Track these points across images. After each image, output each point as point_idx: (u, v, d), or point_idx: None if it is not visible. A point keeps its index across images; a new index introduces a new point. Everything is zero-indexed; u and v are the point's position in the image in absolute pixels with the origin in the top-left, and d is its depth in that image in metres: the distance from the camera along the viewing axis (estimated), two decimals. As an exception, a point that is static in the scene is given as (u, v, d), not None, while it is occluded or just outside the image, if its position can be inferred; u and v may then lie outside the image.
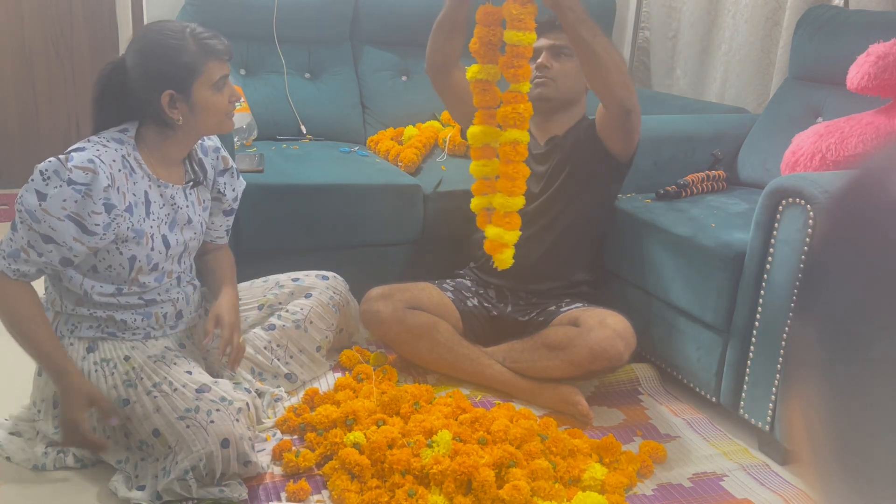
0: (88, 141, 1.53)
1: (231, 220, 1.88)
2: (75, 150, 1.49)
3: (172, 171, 1.66)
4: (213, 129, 1.64)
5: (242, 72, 2.73)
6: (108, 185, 1.48)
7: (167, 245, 1.63)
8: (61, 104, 3.66)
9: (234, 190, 1.83)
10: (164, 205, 1.63)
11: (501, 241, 1.82)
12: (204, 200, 1.76)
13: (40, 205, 1.45)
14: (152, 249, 1.59)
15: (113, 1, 3.51)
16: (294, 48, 2.79)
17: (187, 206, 1.69)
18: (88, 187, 1.46)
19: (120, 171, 1.52)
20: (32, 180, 1.46)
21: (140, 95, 1.55)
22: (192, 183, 1.70)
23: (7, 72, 3.54)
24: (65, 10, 3.55)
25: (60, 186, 1.45)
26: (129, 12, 3.02)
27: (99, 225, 1.48)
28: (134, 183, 1.55)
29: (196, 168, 1.72)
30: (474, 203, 1.90)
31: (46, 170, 1.46)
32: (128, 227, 1.54)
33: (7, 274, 1.50)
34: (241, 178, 1.86)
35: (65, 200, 1.45)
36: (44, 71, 3.59)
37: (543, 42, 2.00)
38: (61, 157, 1.47)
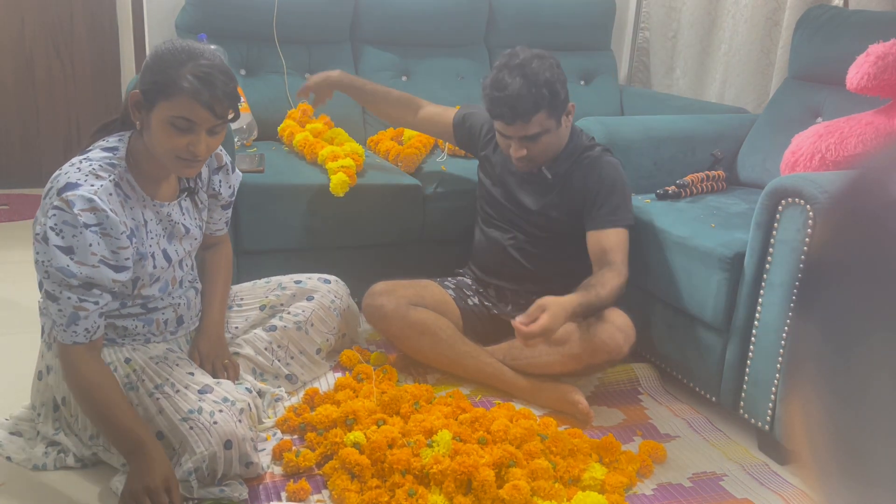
0: (79, 170, 1.44)
1: (230, 212, 1.88)
2: (68, 190, 1.40)
3: (164, 185, 1.61)
4: (163, 158, 1.50)
5: (242, 72, 2.73)
6: (117, 218, 1.45)
7: (168, 259, 1.61)
8: (61, 104, 3.66)
9: (230, 186, 1.81)
10: (159, 222, 1.60)
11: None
12: (200, 202, 1.75)
13: (72, 259, 1.40)
14: (154, 267, 1.58)
15: (113, 1, 3.51)
16: (294, 48, 2.79)
17: (183, 218, 1.66)
18: (102, 226, 1.43)
19: (117, 202, 1.47)
20: (47, 240, 1.39)
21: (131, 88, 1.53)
22: (185, 193, 1.67)
23: (7, 72, 3.54)
24: (65, 10, 3.55)
25: (79, 234, 1.40)
26: (129, 12, 3.02)
27: (128, 258, 1.48)
28: (130, 208, 1.51)
29: (202, 169, 1.70)
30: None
31: (55, 225, 1.39)
32: (133, 253, 1.52)
33: (80, 342, 1.46)
34: (235, 170, 1.84)
35: (91, 245, 1.41)
36: (44, 71, 3.59)
37: (511, 132, 1.91)
38: (58, 203, 1.39)
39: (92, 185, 1.43)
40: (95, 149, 1.51)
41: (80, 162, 1.47)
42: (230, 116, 1.51)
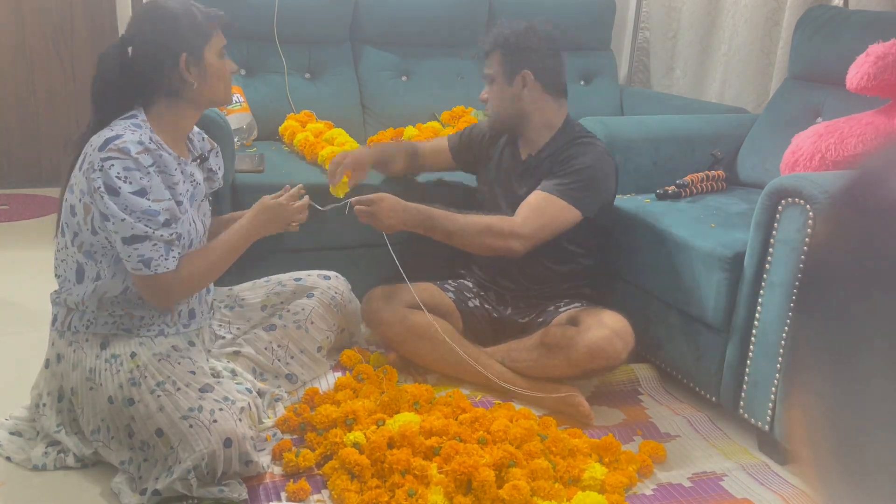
0: (111, 129, 1.50)
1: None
2: (114, 141, 1.46)
3: (183, 148, 1.67)
4: (219, 97, 1.65)
5: (242, 72, 2.73)
6: (167, 156, 1.53)
7: (193, 223, 1.64)
8: (61, 104, 3.66)
9: (220, 168, 1.86)
10: (185, 181, 1.63)
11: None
12: (207, 172, 1.79)
13: (149, 199, 1.47)
14: (192, 224, 1.62)
15: (113, 1, 3.51)
16: (294, 48, 2.79)
17: (202, 183, 1.72)
18: (157, 165, 1.50)
19: (155, 148, 1.53)
20: (118, 191, 1.44)
21: (150, 67, 1.54)
22: (199, 160, 1.71)
23: (7, 71, 3.54)
24: (65, 9, 3.55)
25: (146, 175, 1.47)
26: (129, 12, 3.02)
27: (181, 194, 1.56)
28: (166, 162, 1.56)
29: (197, 146, 1.74)
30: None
31: (119, 173, 1.44)
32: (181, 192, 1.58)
33: (171, 268, 1.52)
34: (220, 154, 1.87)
35: (159, 184, 1.49)
36: (44, 71, 3.59)
37: (484, 69, 2.07)
38: (113, 155, 1.44)
39: (133, 133, 1.50)
40: (116, 121, 1.56)
41: (107, 129, 1.52)
42: None
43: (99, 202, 1.46)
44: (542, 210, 1.91)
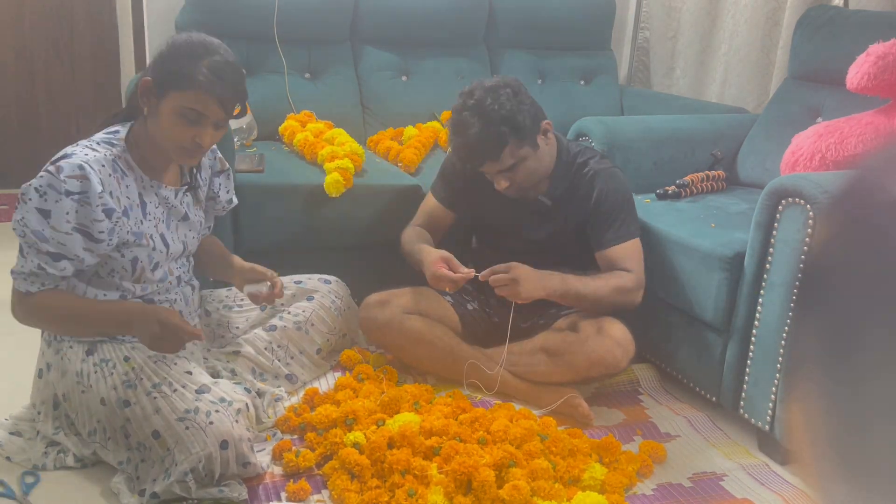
0: (77, 145, 1.51)
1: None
2: (63, 158, 1.46)
3: (165, 171, 1.64)
4: (166, 147, 1.54)
5: (243, 71, 2.73)
6: (102, 191, 1.47)
7: (166, 244, 1.62)
8: (61, 104, 3.66)
9: (228, 192, 1.84)
10: (159, 204, 1.62)
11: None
12: (201, 201, 1.76)
13: (48, 222, 1.44)
14: (153, 249, 1.59)
15: (113, 1, 3.51)
16: (294, 48, 2.79)
17: (182, 205, 1.68)
18: (85, 195, 1.45)
19: (111, 175, 1.50)
20: (29, 200, 1.44)
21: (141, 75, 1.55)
22: (186, 187, 1.69)
23: (7, 72, 3.54)
24: (65, 10, 3.55)
25: (59, 200, 1.43)
26: (129, 13, 3.02)
27: (103, 232, 1.48)
28: (126, 186, 1.54)
29: (193, 172, 1.71)
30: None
31: (41, 186, 1.44)
32: (127, 231, 1.53)
33: (32, 291, 1.50)
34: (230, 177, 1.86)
35: (67, 213, 1.44)
36: (44, 71, 3.59)
37: (487, 170, 1.88)
38: (50, 168, 1.44)
39: (86, 155, 1.47)
40: (97, 134, 1.57)
41: (81, 141, 1.53)
42: (236, 112, 1.55)
43: (17, 206, 1.46)
44: (636, 257, 1.92)
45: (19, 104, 3.60)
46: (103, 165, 1.49)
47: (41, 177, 1.44)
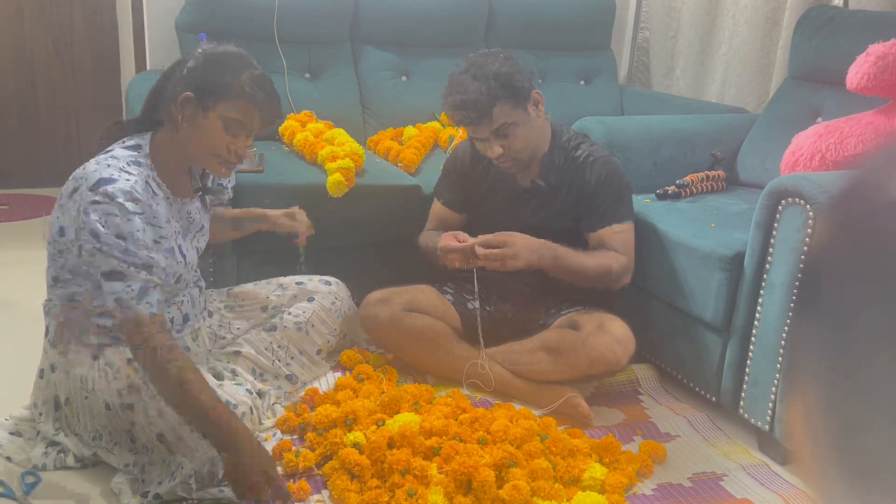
0: (108, 166, 1.46)
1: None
2: (107, 184, 1.42)
3: (182, 181, 1.64)
4: (202, 158, 1.56)
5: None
6: (154, 208, 1.49)
7: (183, 255, 1.62)
8: (61, 104, 3.66)
9: (230, 180, 1.87)
10: (180, 219, 1.62)
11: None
12: (208, 205, 1.77)
13: (127, 244, 1.41)
14: (177, 263, 1.59)
15: (113, 2, 3.51)
16: (294, 48, 2.79)
17: (199, 215, 1.69)
18: (146, 215, 1.46)
19: (149, 196, 1.50)
20: (98, 235, 1.40)
21: (170, 89, 1.53)
22: (200, 192, 1.70)
23: (7, 72, 3.54)
24: (65, 10, 3.55)
25: (128, 220, 1.42)
26: (129, 13, 3.02)
27: (171, 247, 1.51)
28: (157, 205, 1.53)
29: (203, 174, 1.72)
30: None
31: (100, 218, 1.40)
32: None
33: (154, 313, 1.44)
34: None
35: (139, 231, 1.43)
36: (44, 71, 3.59)
37: (480, 133, 1.89)
38: (98, 198, 1.40)
39: (127, 180, 1.45)
40: (116, 148, 1.53)
41: (108, 159, 1.49)
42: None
43: (82, 235, 1.43)
44: (627, 241, 1.94)
45: (19, 104, 3.60)
46: (144, 189, 1.48)
47: (95, 210, 1.40)
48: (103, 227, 1.40)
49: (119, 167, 1.47)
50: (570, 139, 2.02)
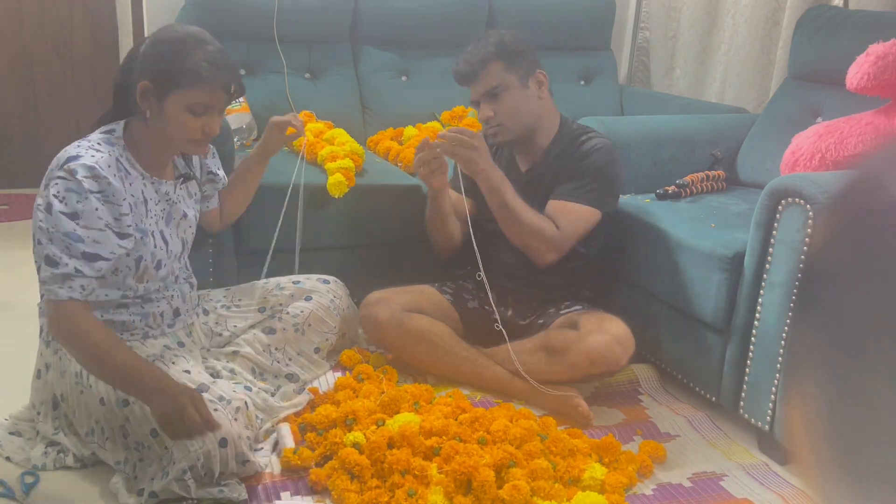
0: (77, 146, 1.50)
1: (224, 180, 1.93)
2: (72, 161, 1.45)
3: (163, 167, 1.65)
4: (177, 146, 1.58)
5: (243, 72, 2.73)
6: (120, 186, 1.48)
7: (165, 241, 1.63)
8: (61, 104, 3.66)
9: (220, 168, 1.86)
10: (159, 201, 1.63)
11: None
12: (195, 193, 1.77)
13: (78, 223, 1.43)
14: (155, 247, 1.59)
15: (113, 2, 3.51)
16: (294, 48, 2.79)
17: (180, 201, 1.69)
18: (105, 193, 1.46)
19: (115, 175, 1.50)
20: (51, 208, 1.41)
21: (133, 77, 1.54)
22: (182, 178, 1.70)
23: (7, 72, 3.54)
24: (65, 11, 3.55)
25: (84, 200, 1.43)
26: (129, 13, 3.03)
27: (130, 226, 1.50)
28: (130, 184, 1.54)
29: (186, 162, 1.72)
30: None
31: (59, 192, 1.43)
32: (133, 228, 1.54)
33: (75, 297, 1.44)
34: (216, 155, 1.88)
35: (97, 210, 1.44)
36: (44, 71, 3.59)
37: (476, 92, 1.97)
38: (61, 173, 1.43)
39: (92, 156, 1.47)
40: (93, 133, 1.57)
41: (80, 141, 1.53)
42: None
43: (37, 216, 1.45)
44: (576, 222, 1.92)
45: (19, 104, 3.60)
46: (109, 165, 1.50)
47: (56, 184, 1.43)
48: (60, 202, 1.42)
49: (87, 146, 1.50)
50: (577, 129, 2.04)
